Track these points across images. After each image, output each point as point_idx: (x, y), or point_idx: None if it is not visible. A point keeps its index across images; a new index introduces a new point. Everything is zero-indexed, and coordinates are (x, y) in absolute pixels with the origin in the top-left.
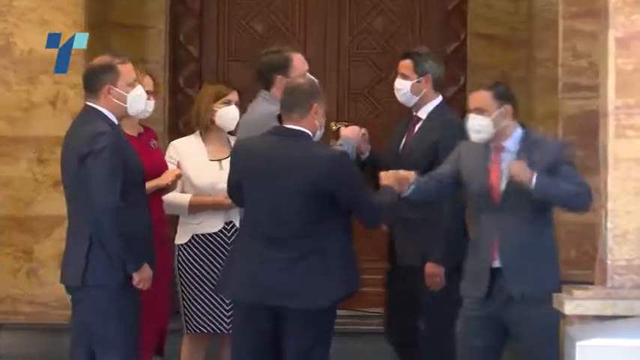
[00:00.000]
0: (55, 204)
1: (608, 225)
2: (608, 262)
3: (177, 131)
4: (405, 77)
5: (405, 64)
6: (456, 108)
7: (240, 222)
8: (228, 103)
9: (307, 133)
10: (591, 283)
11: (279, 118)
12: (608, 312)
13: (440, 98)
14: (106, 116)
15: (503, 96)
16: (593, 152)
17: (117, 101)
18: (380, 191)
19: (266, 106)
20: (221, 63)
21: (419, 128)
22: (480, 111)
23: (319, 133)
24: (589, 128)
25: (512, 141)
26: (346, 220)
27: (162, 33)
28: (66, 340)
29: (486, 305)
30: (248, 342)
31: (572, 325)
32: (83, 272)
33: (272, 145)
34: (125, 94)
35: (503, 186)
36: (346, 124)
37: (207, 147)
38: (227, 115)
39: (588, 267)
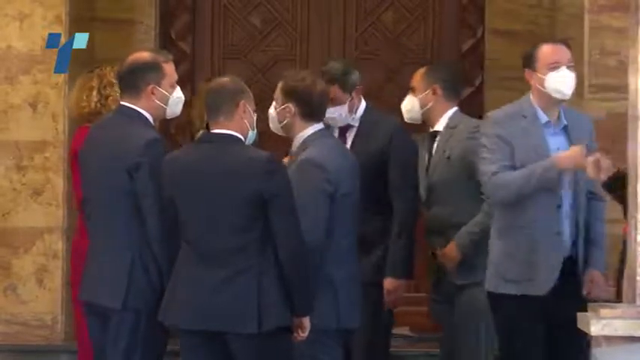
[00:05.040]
0: (35, 215)
1: (638, 238)
2: (639, 278)
3: (168, 136)
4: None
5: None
6: (472, 110)
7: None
8: None
9: (237, 137)
10: (619, 301)
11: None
12: (639, 333)
13: None
14: (146, 119)
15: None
16: (622, 158)
17: (159, 102)
18: None
19: None
20: (216, 61)
21: None
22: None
23: (252, 135)
24: (618, 132)
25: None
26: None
27: (151, 29)
28: None
29: None
30: None
31: (598, 347)
32: (125, 294)
33: (200, 155)
34: (168, 95)
35: None
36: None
37: None
38: None
39: (616, 283)
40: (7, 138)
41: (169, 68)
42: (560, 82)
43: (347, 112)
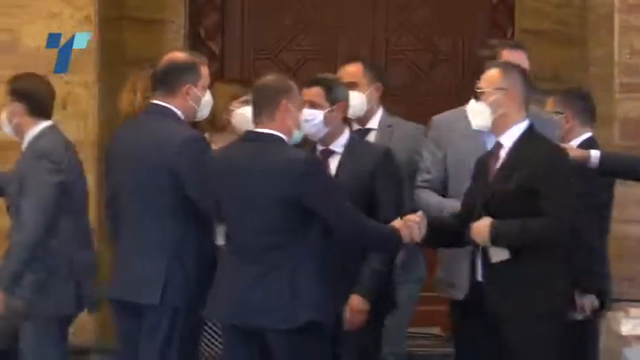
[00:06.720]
0: None
1: None
2: None
3: None
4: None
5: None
6: None
7: None
8: (248, 102)
9: (278, 136)
10: None
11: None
12: None
13: None
14: (179, 117)
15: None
16: None
17: (192, 103)
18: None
19: None
20: (245, 60)
21: None
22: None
23: (297, 134)
24: None
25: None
26: (325, 236)
27: (181, 28)
28: None
29: None
30: None
31: (629, 346)
32: (162, 290)
33: (242, 154)
34: (201, 96)
35: None
36: None
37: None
38: (248, 114)
39: None
40: None
41: (205, 71)
42: None
43: (322, 120)
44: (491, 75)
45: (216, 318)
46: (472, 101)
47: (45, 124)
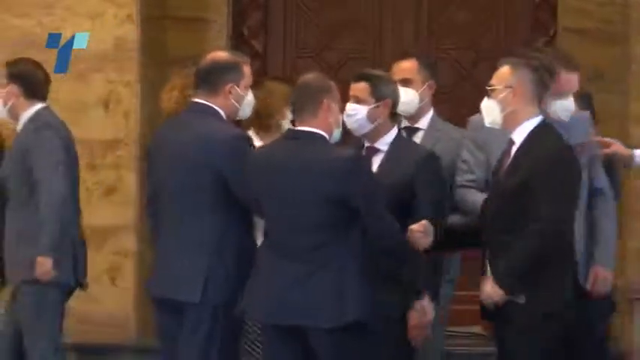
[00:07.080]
0: (108, 213)
1: None
2: None
3: None
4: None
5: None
6: None
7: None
8: None
9: (321, 134)
10: None
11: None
12: None
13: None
14: (221, 116)
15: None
16: None
17: (234, 102)
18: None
19: None
20: (288, 59)
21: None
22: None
23: (337, 133)
24: None
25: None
26: (363, 235)
27: (223, 27)
28: None
29: None
30: None
31: None
32: (203, 288)
33: (283, 152)
34: (244, 96)
35: None
36: None
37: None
38: None
39: None
40: (80, 136)
41: (247, 70)
42: None
43: (365, 115)
44: (502, 72)
45: (254, 318)
46: (485, 99)
47: (40, 105)
